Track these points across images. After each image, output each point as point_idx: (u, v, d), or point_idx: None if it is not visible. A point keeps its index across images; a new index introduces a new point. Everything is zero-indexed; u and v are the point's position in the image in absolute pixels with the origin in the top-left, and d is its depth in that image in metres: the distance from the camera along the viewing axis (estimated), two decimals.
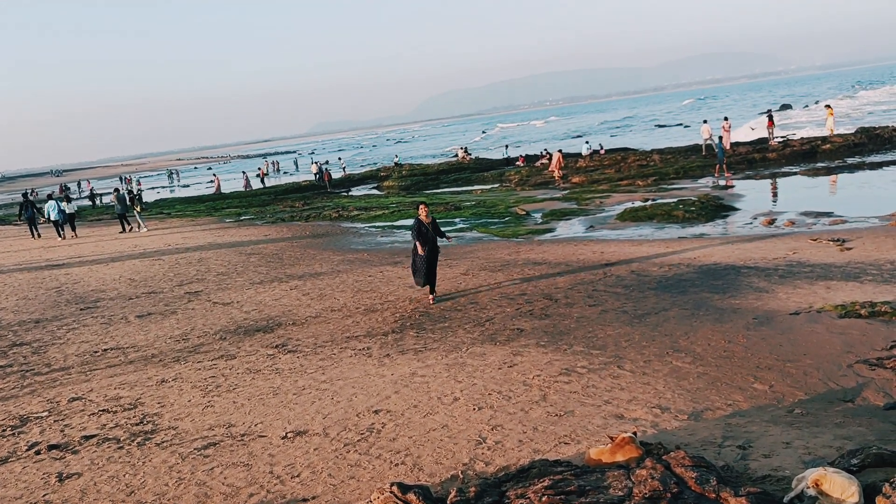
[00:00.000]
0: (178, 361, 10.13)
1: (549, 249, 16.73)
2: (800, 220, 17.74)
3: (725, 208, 20.78)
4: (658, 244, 16.25)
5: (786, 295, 10.63)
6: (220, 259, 19.38)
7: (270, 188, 49.33)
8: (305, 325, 11.53)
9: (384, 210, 28.43)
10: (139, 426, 7.68)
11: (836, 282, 11.16)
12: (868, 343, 8.14)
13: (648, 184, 29.03)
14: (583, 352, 8.80)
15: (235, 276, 16.55)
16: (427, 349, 9.55)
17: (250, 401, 8.18)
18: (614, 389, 7.42)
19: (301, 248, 20.44)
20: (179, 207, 41.42)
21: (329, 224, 26.51)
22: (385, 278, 14.86)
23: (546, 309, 11.13)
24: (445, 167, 48.94)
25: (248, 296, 14.28)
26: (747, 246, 14.95)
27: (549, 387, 7.64)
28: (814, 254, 13.42)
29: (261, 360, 9.83)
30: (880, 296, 10.05)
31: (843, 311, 9.44)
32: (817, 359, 7.82)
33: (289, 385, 8.60)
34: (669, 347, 8.66)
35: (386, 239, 21.40)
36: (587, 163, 38.75)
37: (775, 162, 30.97)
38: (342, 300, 13.14)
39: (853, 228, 15.88)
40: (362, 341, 10.28)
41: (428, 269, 12.21)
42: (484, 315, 11.12)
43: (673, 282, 12.19)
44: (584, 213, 23.00)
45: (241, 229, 26.99)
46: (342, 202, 34.42)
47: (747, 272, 12.38)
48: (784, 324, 9.18)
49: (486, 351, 9.21)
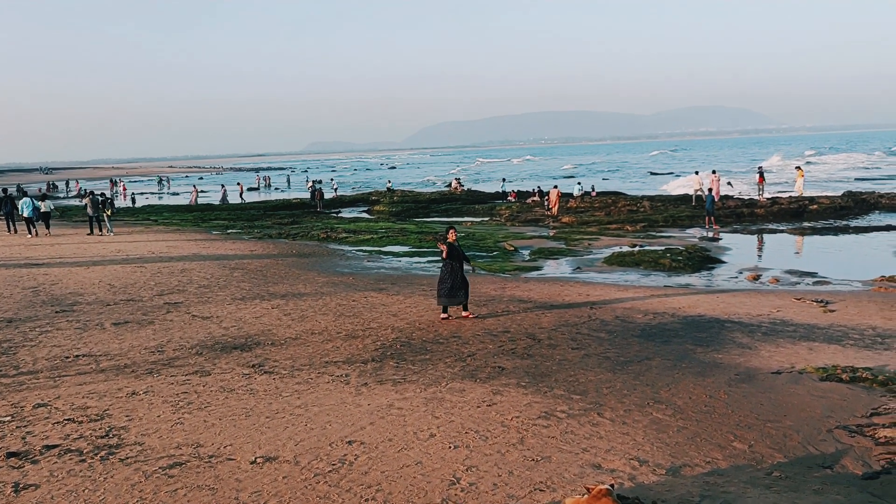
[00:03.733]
0: (150, 374, 9.92)
1: (536, 288, 16.67)
2: (784, 278, 17.82)
3: (712, 260, 20.86)
4: (644, 291, 16.24)
5: (768, 353, 10.60)
6: (204, 271, 19.17)
7: (260, 203, 49.20)
8: (284, 347, 11.35)
9: (373, 235, 28.33)
10: (104, 439, 7.47)
11: (819, 343, 11.15)
12: (848, 409, 8.09)
13: (637, 229, 29.17)
14: (563, 396, 8.69)
15: (217, 290, 16.36)
16: (406, 381, 9.41)
17: (222, 421, 7.99)
18: (593, 437, 7.31)
19: (286, 267, 20.27)
20: (167, 215, 41.17)
21: (316, 244, 26.38)
22: (369, 304, 14.72)
23: (529, 348, 11.03)
24: (437, 196, 49.07)
25: (228, 311, 14.09)
26: (732, 300, 14.95)
27: (527, 429, 7.52)
28: (797, 313, 13.43)
29: (236, 378, 9.65)
30: (861, 361, 10.03)
31: (824, 373, 9.41)
32: (798, 421, 7.75)
33: (262, 407, 8.42)
34: (651, 398, 8.58)
35: (372, 264, 21.29)
36: (578, 204, 38.96)
37: (763, 218, 31.24)
38: (323, 323, 12.99)
39: (836, 291, 15.95)
40: (341, 367, 10.12)
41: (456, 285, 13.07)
42: (466, 350, 11.00)
43: (657, 330, 12.14)
44: (572, 253, 23.02)
45: (227, 243, 26.79)
46: (331, 223, 34.33)
47: (731, 327, 12.36)
48: (766, 382, 9.13)
49: (465, 387, 9.08)
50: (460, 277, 13.21)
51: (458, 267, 13.24)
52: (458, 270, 13.22)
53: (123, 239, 27.85)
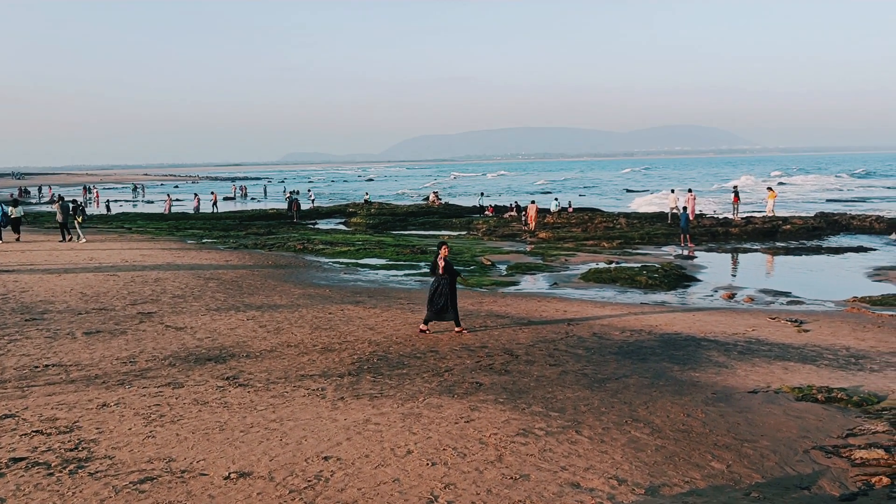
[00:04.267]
0: (122, 385, 9.72)
1: (513, 303, 16.66)
2: (759, 297, 17.99)
3: (687, 278, 21.01)
4: (620, 308, 16.29)
5: (744, 372, 10.66)
6: (178, 281, 18.92)
7: (236, 213, 48.82)
8: (259, 359, 11.20)
9: (350, 247, 28.19)
10: (73, 452, 7.29)
11: (794, 363, 11.24)
12: (824, 430, 8.14)
13: (614, 246, 29.35)
14: (541, 413, 8.64)
15: (191, 301, 16.14)
16: (383, 396, 9.31)
17: (194, 434, 7.84)
18: (571, 456, 7.27)
19: (261, 278, 20.08)
20: (141, 223, 40.71)
21: (292, 255, 26.18)
22: (345, 317, 14.60)
23: (506, 364, 10.98)
24: (415, 209, 49.04)
25: (202, 322, 13.89)
26: (707, 318, 15.05)
27: (505, 447, 7.46)
28: (772, 333, 13.55)
29: (210, 391, 9.48)
30: (836, 382, 10.12)
31: (800, 393, 9.47)
32: (774, 441, 7.77)
33: (236, 421, 8.27)
34: (628, 416, 8.56)
35: (349, 276, 21.16)
36: (555, 219, 39.15)
37: (737, 237, 31.60)
38: (299, 336, 12.85)
39: (810, 311, 16.12)
40: (317, 381, 9.99)
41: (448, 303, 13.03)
42: (443, 365, 10.93)
43: (634, 348, 12.16)
44: (548, 269, 23.06)
45: (202, 252, 26.50)
46: (308, 234, 34.13)
47: (707, 345, 12.42)
48: (742, 402, 9.16)
49: (443, 403, 9.01)
50: (452, 295, 13.15)
51: (451, 283, 13.17)
52: (451, 286, 13.15)
53: (96, 246, 27.43)
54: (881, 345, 12.58)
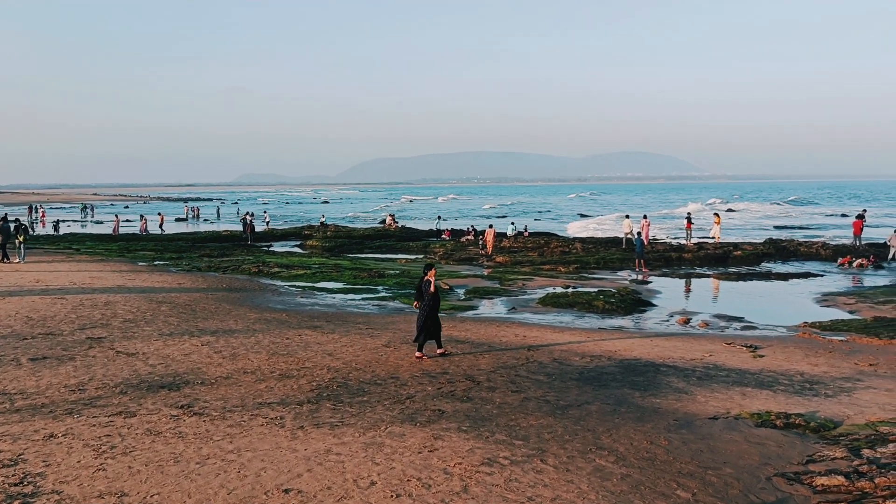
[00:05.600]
0: (70, 414, 9.34)
1: (472, 328, 16.59)
2: (713, 323, 18.25)
3: (643, 303, 21.23)
4: (579, 333, 16.35)
5: (704, 398, 10.74)
6: (129, 304, 18.40)
7: (188, 234, 47.94)
8: (215, 386, 10.90)
9: (306, 270, 27.84)
10: (18, 487, 6.93)
11: (751, 389, 11.37)
12: (785, 456, 8.22)
13: (570, 270, 29.53)
14: (505, 441, 8.55)
15: (143, 325, 15.68)
16: (344, 424, 9.12)
17: (148, 467, 7.54)
18: (538, 485, 7.18)
19: (216, 302, 19.65)
20: (90, 244, 39.65)
21: (247, 279, 25.73)
22: (303, 342, 14.34)
23: (468, 391, 10.88)
24: (371, 232, 48.80)
25: (155, 347, 13.49)
26: (665, 343, 15.19)
27: (470, 477, 7.34)
28: (729, 358, 13.72)
29: (163, 420, 9.17)
30: (793, 407, 10.26)
31: (759, 419, 9.57)
32: (737, 469, 7.81)
33: (192, 452, 7.99)
34: (592, 444, 8.53)
35: (306, 300, 20.85)
36: (511, 243, 39.32)
37: (690, 262, 32.11)
38: (256, 362, 12.56)
39: (763, 336, 16.40)
40: (275, 409, 9.75)
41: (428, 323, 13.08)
42: (404, 392, 10.78)
43: (594, 374, 12.18)
44: (506, 293, 23.08)
45: (154, 275, 25.88)
46: (263, 257, 33.62)
47: (666, 371, 12.51)
48: (703, 429, 9.21)
49: (405, 431, 8.85)
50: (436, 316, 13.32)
51: (434, 305, 13.29)
52: (434, 309, 13.27)
53: (43, 268, 26.56)
54: (833, 370, 12.84)
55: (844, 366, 13.20)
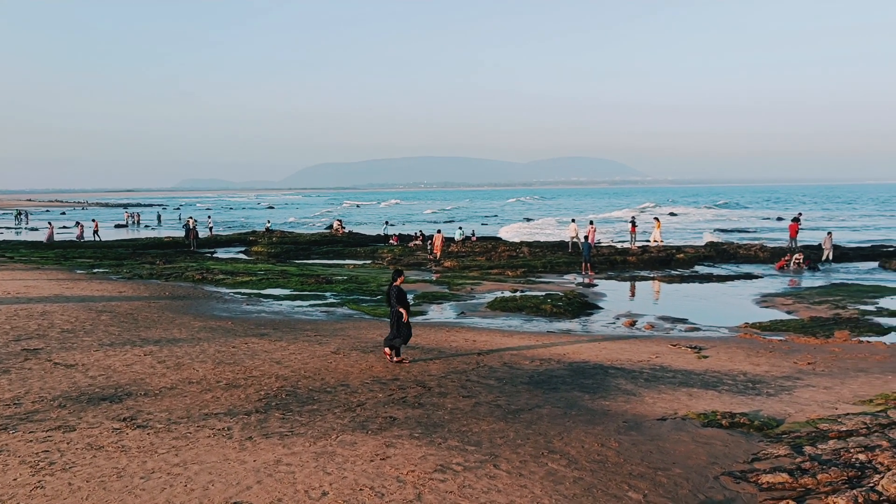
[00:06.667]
0: (5, 430, 8.95)
1: (422, 333, 16.52)
2: (658, 325, 18.58)
3: (590, 306, 21.49)
4: (528, 337, 16.45)
5: (652, 400, 10.90)
6: (67, 314, 17.78)
7: (129, 241, 46.71)
8: (159, 398, 10.59)
9: (252, 276, 27.37)
10: None
11: (697, 389, 11.60)
12: (731, 455, 8.39)
13: (518, 274, 29.75)
14: (458, 447, 8.52)
15: (83, 335, 15.18)
16: (294, 434, 8.96)
17: (89, 483, 7.27)
18: (491, 491, 7.16)
19: (158, 310, 19.15)
20: (24, 252, 38.25)
21: (191, 286, 25.16)
22: (250, 351, 14.07)
23: (419, 397, 10.82)
24: (318, 238, 48.34)
25: (95, 358, 13.06)
26: (612, 346, 15.39)
27: (423, 485, 7.28)
28: (674, 359, 13.98)
29: (105, 434, 8.86)
30: (737, 407, 10.49)
31: (706, 420, 9.76)
32: (686, 469, 7.94)
33: (136, 467, 7.74)
34: (544, 447, 8.56)
35: (252, 308, 20.49)
36: (459, 248, 39.43)
37: (634, 265, 32.71)
38: (201, 372, 12.26)
39: (707, 337, 16.77)
40: (222, 420, 9.52)
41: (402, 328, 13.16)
42: (355, 399, 10.66)
43: (544, 377, 12.25)
44: (455, 298, 23.10)
45: (94, 283, 25.10)
46: (207, 264, 32.95)
47: (615, 373, 12.66)
48: (652, 430, 9.34)
49: (357, 440, 8.74)
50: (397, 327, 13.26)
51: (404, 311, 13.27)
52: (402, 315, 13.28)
53: None
54: (774, 369, 13.19)
55: (784, 365, 13.57)
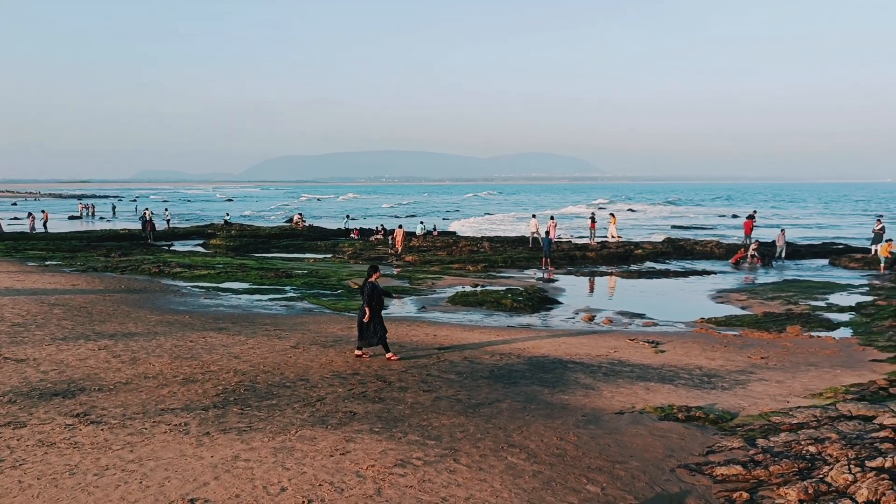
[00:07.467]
0: None
1: None
2: (617, 319, 18.81)
3: (549, 301, 21.66)
4: (488, 331, 16.52)
5: (610, 394, 11.04)
6: (18, 307, 17.33)
7: (83, 233, 45.66)
8: (113, 393, 10.39)
9: (210, 270, 26.98)
10: None
11: (654, 383, 11.78)
12: (687, 448, 8.54)
13: (478, 269, 29.84)
14: (418, 441, 8.53)
15: (34, 329, 14.81)
16: (252, 429, 8.87)
17: (40, 481, 7.10)
18: (451, 486, 7.19)
19: (114, 304, 18.78)
20: None
21: (147, 279, 24.72)
22: (208, 345, 13.88)
23: (379, 392, 10.80)
24: (278, 231, 47.88)
25: (47, 353, 12.76)
26: (571, 340, 15.55)
27: (384, 479, 7.27)
28: (632, 354, 14.17)
29: (57, 430, 8.67)
30: (693, 401, 10.69)
31: (662, 413, 9.92)
32: (643, 462, 8.06)
33: (89, 464, 7.58)
34: (504, 441, 8.62)
35: (210, 301, 20.20)
36: (421, 243, 39.40)
37: (593, 261, 33.06)
38: (158, 366, 12.06)
39: (663, 332, 17.03)
40: (179, 416, 9.38)
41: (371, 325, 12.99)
42: (314, 394, 10.59)
43: (504, 372, 12.32)
44: (416, 292, 23.08)
45: (46, 276, 24.50)
46: (164, 256, 32.40)
47: (574, 367, 12.80)
48: (611, 423, 9.47)
49: (316, 435, 8.69)
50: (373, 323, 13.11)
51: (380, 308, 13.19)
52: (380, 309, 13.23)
53: None
54: (729, 364, 13.47)
55: (739, 359, 13.86)
